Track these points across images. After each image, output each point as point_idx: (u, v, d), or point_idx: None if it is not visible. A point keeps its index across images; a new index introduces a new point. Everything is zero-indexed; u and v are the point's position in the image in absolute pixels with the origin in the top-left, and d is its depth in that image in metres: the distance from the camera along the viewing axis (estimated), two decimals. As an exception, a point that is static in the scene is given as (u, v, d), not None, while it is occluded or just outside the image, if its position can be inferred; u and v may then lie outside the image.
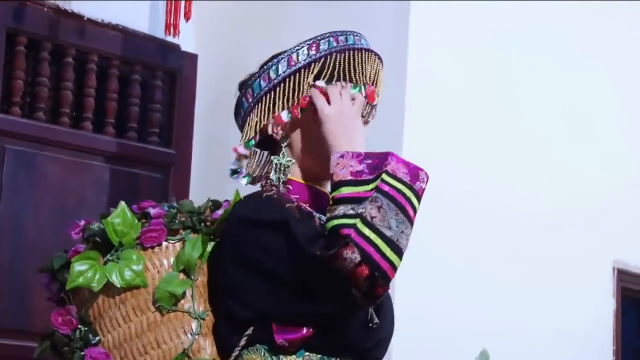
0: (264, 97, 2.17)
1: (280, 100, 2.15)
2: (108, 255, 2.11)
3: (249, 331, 2.06)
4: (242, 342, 2.06)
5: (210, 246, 2.14)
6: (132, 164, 4.71)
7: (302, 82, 2.15)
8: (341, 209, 1.97)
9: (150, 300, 2.10)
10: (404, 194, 1.99)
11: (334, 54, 2.16)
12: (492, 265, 4.31)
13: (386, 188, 1.98)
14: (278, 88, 2.16)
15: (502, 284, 4.32)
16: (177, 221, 2.14)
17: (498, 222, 4.37)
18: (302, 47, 2.16)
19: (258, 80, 2.18)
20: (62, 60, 4.60)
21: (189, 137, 4.89)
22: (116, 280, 2.08)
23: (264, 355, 2.06)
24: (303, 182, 2.19)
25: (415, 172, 2.04)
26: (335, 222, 1.96)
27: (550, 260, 4.51)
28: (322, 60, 2.15)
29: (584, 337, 4.60)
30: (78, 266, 2.09)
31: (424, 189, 2.03)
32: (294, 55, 2.16)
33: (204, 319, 2.10)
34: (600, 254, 4.74)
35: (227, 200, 2.15)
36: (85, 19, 4.62)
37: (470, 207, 4.27)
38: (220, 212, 2.15)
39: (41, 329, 2.24)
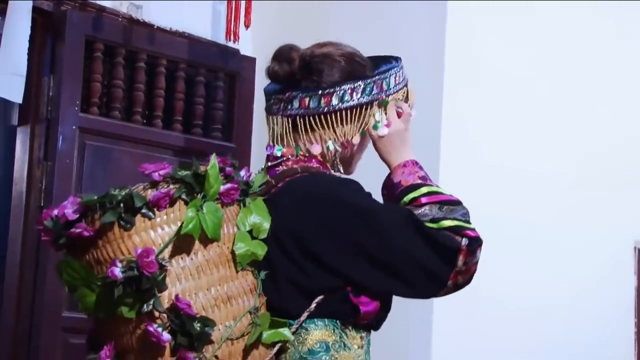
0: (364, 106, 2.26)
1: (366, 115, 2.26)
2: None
3: (318, 299, 2.11)
4: (313, 306, 2.11)
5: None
6: (198, 157, 4.47)
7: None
8: (437, 211, 2.14)
9: (223, 255, 2.05)
10: None
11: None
12: (514, 243, 4.33)
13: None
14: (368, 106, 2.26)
15: (523, 263, 4.34)
16: (242, 182, 2.11)
17: (520, 202, 4.36)
18: (392, 74, 2.29)
19: (371, 84, 2.26)
20: (135, 64, 4.75)
21: (248, 133, 5.02)
22: (208, 229, 2.00)
23: (334, 330, 2.12)
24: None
25: None
26: (458, 223, 2.12)
27: (573, 241, 4.53)
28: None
29: (606, 312, 4.60)
30: (190, 212, 1.99)
31: None
32: (395, 76, 2.29)
33: (263, 280, 2.10)
34: (622, 234, 4.70)
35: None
36: (155, 27, 4.76)
37: (496, 190, 4.29)
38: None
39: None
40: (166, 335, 1.96)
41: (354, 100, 2.24)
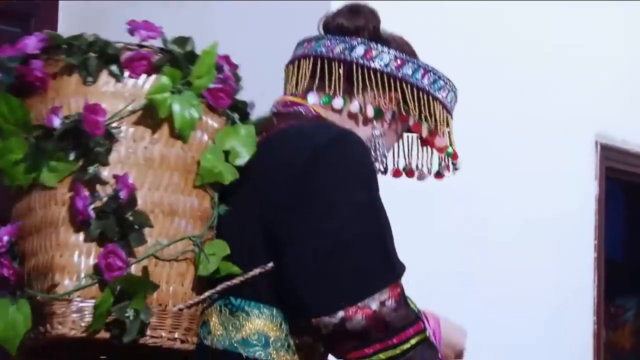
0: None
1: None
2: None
3: (270, 266, 2.02)
4: (269, 266, 2.11)
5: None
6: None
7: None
8: None
9: (184, 162, 1.99)
10: None
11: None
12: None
13: None
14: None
15: (481, 174, 4.20)
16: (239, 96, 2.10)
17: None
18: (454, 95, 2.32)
19: (439, 81, 2.27)
20: None
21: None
22: (177, 119, 1.97)
23: (281, 325, 2.03)
24: None
25: None
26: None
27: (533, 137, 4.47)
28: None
29: (566, 227, 4.52)
30: (165, 79, 1.96)
31: None
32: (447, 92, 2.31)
33: (221, 215, 2.05)
34: (581, 125, 4.60)
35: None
36: None
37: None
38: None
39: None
40: (92, 212, 1.88)
41: (423, 83, 2.25)
